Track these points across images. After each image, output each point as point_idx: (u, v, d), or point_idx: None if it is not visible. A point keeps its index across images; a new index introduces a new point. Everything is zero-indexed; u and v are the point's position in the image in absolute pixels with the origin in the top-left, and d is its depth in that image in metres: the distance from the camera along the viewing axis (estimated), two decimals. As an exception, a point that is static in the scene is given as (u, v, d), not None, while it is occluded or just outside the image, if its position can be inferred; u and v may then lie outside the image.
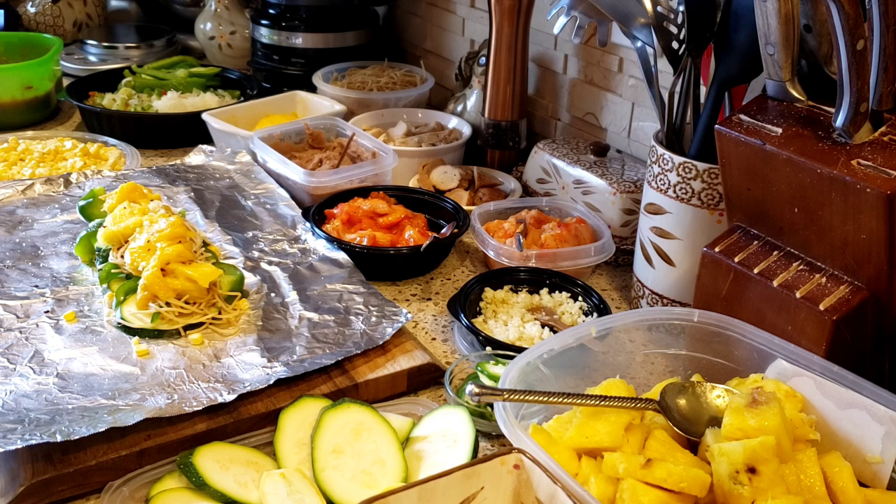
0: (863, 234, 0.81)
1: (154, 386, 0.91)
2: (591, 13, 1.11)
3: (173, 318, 1.01)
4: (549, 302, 1.14)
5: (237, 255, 1.19)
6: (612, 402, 0.78)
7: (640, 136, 1.42)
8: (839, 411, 0.79)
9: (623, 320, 0.89)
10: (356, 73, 1.82)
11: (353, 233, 1.25)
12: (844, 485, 0.74)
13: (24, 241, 1.19)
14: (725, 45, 0.99)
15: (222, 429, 0.88)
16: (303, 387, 0.94)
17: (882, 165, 0.80)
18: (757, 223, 0.93)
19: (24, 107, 1.73)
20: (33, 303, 1.05)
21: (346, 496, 0.79)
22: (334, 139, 1.52)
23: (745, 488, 0.69)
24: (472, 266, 1.30)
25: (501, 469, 0.69)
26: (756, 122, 0.89)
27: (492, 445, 0.92)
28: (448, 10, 1.86)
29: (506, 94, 1.50)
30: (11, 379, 0.91)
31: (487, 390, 0.76)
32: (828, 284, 0.86)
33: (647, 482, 0.71)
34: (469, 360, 1.00)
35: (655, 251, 1.10)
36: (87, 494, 0.83)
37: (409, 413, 0.91)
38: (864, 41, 0.79)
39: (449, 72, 1.86)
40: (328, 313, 1.06)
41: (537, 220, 1.27)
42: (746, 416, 0.73)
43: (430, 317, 1.16)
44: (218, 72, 1.90)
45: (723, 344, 0.87)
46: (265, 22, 1.86)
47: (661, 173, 1.06)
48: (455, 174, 1.46)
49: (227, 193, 1.36)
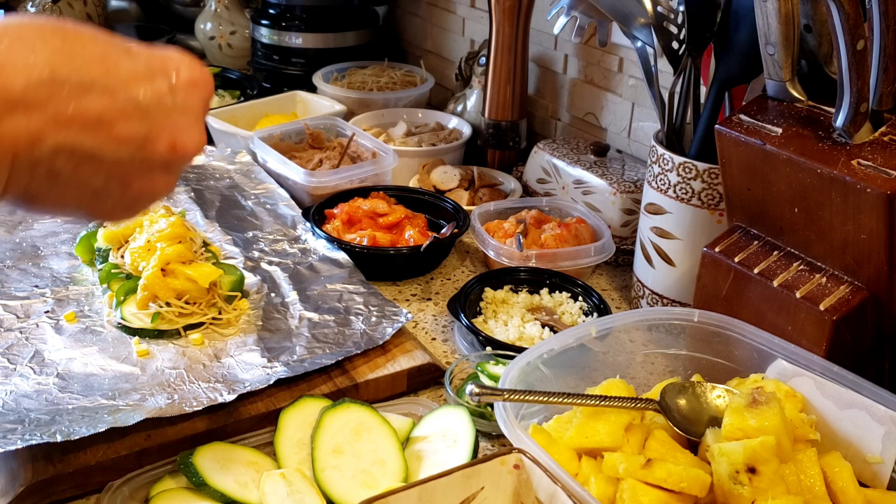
0: (863, 234, 0.81)
1: (154, 386, 0.91)
2: (591, 13, 1.11)
3: (173, 318, 1.01)
4: (549, 302, 1.14)
5: (237, 255, 1.19)
6: (612, 402, 0.78)
7: (640, 136, 1.42)
8: (839, 411, 0.79)
9: (623, 320, 0.89)
10: (356, 73, 1.82)
11: (353, 233, 1.25)
12: (844, 485, 0.74)
13: (24, 241, 1.19)
14: (725, 45, 0.99)
15: (222, 429, 0.88)
16: (303, 387, 0.94)
17: (882, 165, 0.80)
18: (757, 223, 0.93)
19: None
20: (33, 303, 1.05)
21: (346, 496, 0.79)
22: (334, 139, 1.52)
23: (745, 488, 0.69)
24: (472, 266, 1.30)
25: (501, 469, 0.69)
26: (756, 122, 0.89)
27: (492, 445, 0.92)
28: (448, 10, 1.86)
29: (506, 94, 1.50)
30: (11, 379, 0.91)
31: (487, 390, 0.76)
32: (828, 284, 0.86)
33: (647, 482, 0.71)
34: (469, 360, 1.00)
35: (655, 251, 1.10)
36: (87, 494, 0.83)
37: (409, 413, 0.91)
38: (864, 41, 0.79)
39: (449, 72, 1.86)
40: (328, 313, 1.06)
41: (537, 220, 1.27)
42: (746, 416, 0.73)
43: (430, 317, 1.16)
44: (218, 72, 1.90)
45: (723, 344, 0.87)
46: (265, 22, 1.86)
47: (661, 173, 1.06)
48: (455, 174, 1.46)
49: (227, 193, 1.36)
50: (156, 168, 0.53)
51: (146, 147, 0.52)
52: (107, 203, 0.53)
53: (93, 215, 0.55)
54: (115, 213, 0.55)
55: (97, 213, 0.54)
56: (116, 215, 0.55)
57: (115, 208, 0.54)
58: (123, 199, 0.54)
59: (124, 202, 0.54)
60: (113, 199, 0.53)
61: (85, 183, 0.51)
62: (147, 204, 0.56)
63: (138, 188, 0.53)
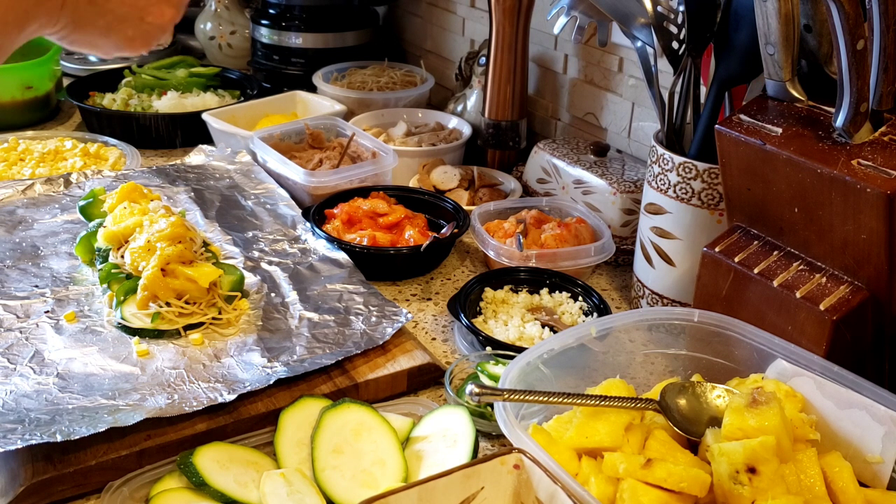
0: (863, 234, 0.81)
1: (154, 386, 0.91)
2: (591, 13, 1.11)
3: (173, 318, 1.01)
4: (549, 302, 1.14)
5: (237, 255, 1.19)
6: (612, 402, 0.78)
7: (640, 136, 1.42)
8: (839, 411, 0.79)
9: (623, 320, 0.89)
10: (356, 73, 1.82)
11: (354, 233, 1.25)
12: (844, 485, 0.74)
13: (25, 241, 1.19)
14: (725, 45, 1.00)
15: (222, 429, 0.88)
16: (303, 387, 0.94)
17: (882, 165, 0.80)
18: (757, 223, 0.93)
19: (24, 107, 1.73)
20: (33, 303, 1.05)
21: (346, 496, 0.79)
22: (334, 139, 1.52)
23: (745, 488, 0.69)
24: (472, 266, 1.30)
25: (501, 469, 0.69)
26: (756, 122, 0.89)
27: (492, 445, 0.92)
28: (448, 10, 1.86)
29: (506, 94, 1.50)
30: (11, 379, 0.91)
31: (487, 390, 0.76)
32: (828, 284, 0.86)
33: (647, 482, 0.71)
34: (469, 360, 1.00)
35: (655, 251, 1.10)
36: (87, 494, 0.83)
37: (409, 413, 0.91)
38: (864, 41, 0.79)
39: (449, 72, 1.86)
40: (328, 313, 1.06)
41: (537, 220, 1.27)
42: (746, 416, 0.73)
43: (430, 317, 1.16)
44: (218, 72, 1.90)
45: (723, 344, 0.87)
46: (265, 22, 1.87)
47: (661, 173, 1.06)
48: (455, 174, 1.46)
49: (227, 193, 1.36)
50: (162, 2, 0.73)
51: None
52: (128, 31, 0.72)
53: (119, 43, 0.73)
54: (135, 42, 0.74)
55: (122, 40, 0.73)
56: (137, 43, 0.74)
57: (136, 36, 0.73)
58: (141, 27, 0.73)
59: (142, 29, 0.73)
60: (133, 27, 0.72)
61: (113, 11, 0.70)
62: (159, 33, 0.75)
63: (151, 19, 0.73)
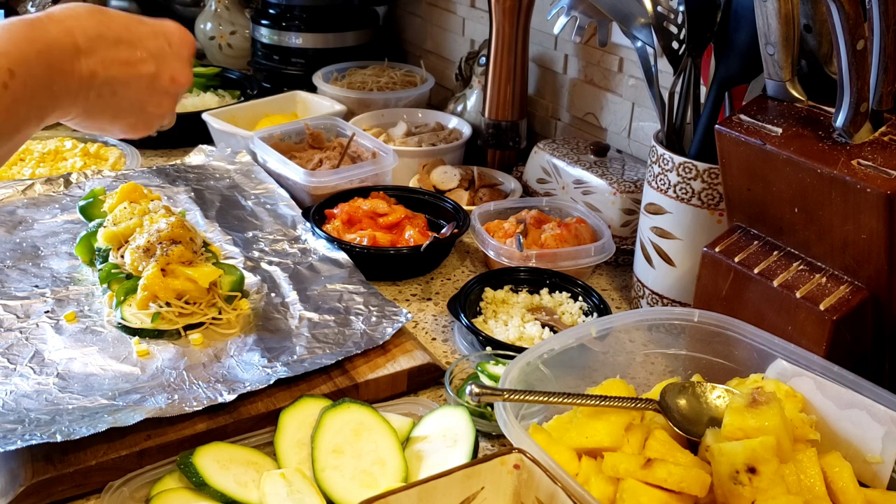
0: (863, 234, 0.81)
1: (154, 386, 0.91)
2: (591, 13, 1.11)
3: (173, 318, 1.01)
4: (549, 302, 1.14)
5: (237, 255, 1.19)
6: (612, 402, 0.78)
7: (640, 136, 1.42)
8: (839, 411, 0.79)
9: (623, 320, 0.89)
10: (356, 73, 1.82)
11: (354, 233, 1.25)
12: (844, 485, 0.74)
13: (25, 241, 1.19)
14: (725, 45, 0.99)
15: (222, 429, 0.88)
16: (303, 387, 0.94)
17: (882, 165, 0.80)
18: (757, 223, 0.93)
19: (24, 107, 1.73)
20: (33, 303, 1.05)
21: (346, 496, 0.79)
22: (334, 139, 1.52)
23: (745, 488, 0.69)
24: (472, 266, 1.30)
25: (501, 469, 0.69)
26: (756, 122, 0.89)
27: (492, 445, 0.92)
28: (448, 10, 1.86)
29: (506, 94, 1.50)
30: (11, 379, 0.91)
31: (487, 390, 0.76)
32: (828, 284, 0.86)
33: (647, 482, 0.71)
34: (469, 360, 1.00)
35: (655, 251, 1.10)
36: (87, 494, 0.83)
37: (409, 413, 0.91)
38: (864, 41, 0.79)
39: (449, 72, 1.86)
40: (328, 313, 1.06)
41: (537, 220, 1.27)
42: (746, 416, 0.73)
43: (430, 317, 1.16)
44: (218, 72, 1.90)
45: (723, 344, 0.87)
46: (265, 22, 1.86)
47: (661, 173, 1.06)
48: (455, 174, 1.46)
49: (227, 193, 1.36)
50: (162, 94, 0.79)
51: (156, 80, 0.78)
52: (132, 119, 0.79)
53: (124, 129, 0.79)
54: (138, 128, 0.80)
55: (127, 127, 0.79)
56: (140, 129, 0.80)
57: (139, 123, 0.80)
58: (143, 116, 0.79)
59: (144, 118, 0.80)
60: (136, 116, 0.79)
61: (119, 103, 0.76)
62: (158, 121, 0.81)
63: (151, 109, 0.79)
